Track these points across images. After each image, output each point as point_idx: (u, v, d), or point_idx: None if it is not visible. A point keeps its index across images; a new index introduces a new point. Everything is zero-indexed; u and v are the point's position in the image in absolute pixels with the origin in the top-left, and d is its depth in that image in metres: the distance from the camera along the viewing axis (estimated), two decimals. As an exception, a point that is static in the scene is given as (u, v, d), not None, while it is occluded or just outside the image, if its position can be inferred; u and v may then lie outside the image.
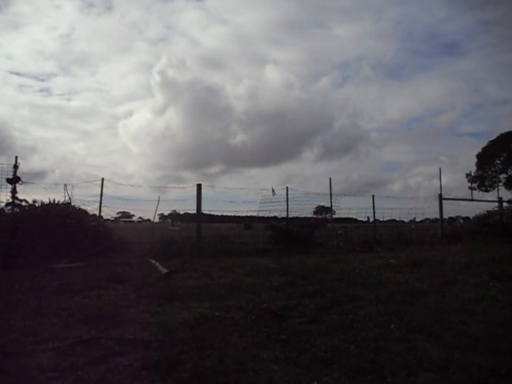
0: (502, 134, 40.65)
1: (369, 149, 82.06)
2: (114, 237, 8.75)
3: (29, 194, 8.37)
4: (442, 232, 12.59)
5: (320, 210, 14.44)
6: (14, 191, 7.85)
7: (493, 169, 42.49)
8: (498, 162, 41.89)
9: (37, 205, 8.14)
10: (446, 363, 2.35)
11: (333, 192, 12.43)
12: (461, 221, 18.92)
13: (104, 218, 10.14)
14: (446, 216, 14.30)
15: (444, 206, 13.10)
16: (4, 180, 7.86)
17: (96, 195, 10.09)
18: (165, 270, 5.91)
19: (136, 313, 3.57)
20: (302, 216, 12.22)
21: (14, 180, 7.89)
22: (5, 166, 7.93)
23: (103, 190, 10.06)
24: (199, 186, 10.19)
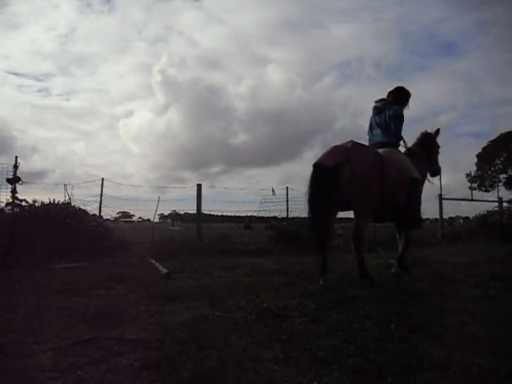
0: (502, 134, 40.75)
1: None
2: (113, 237, 8.75)
3: (29, 194, 8.37)
4: (442, 232, 12.58)
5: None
6: (14, 191, 7.86)
7: (493, 169, 42.58)
8: (498, 162, 41.98)
9: (37, 205, 8.13)
10: (445, 363, 2.34)
11: (333, 192, 12.40)
12: (461, 221, 18.89)
13: (104, 217, 10.14)
14: (446, 216, 14.28)
15: (444, 206, 13.09)
16: (4, 180, 7.88)
17: (96, 195, 10.10)
18: (165, 270, 5.91)
19: (136, 313, 3.57)
20: (302, 216, 12.20)
21: (14, 180, 7.89)
22: (5, 166, 7.94)
23: (103, 190, 10.07)
24: (199, 186, 10.19)
